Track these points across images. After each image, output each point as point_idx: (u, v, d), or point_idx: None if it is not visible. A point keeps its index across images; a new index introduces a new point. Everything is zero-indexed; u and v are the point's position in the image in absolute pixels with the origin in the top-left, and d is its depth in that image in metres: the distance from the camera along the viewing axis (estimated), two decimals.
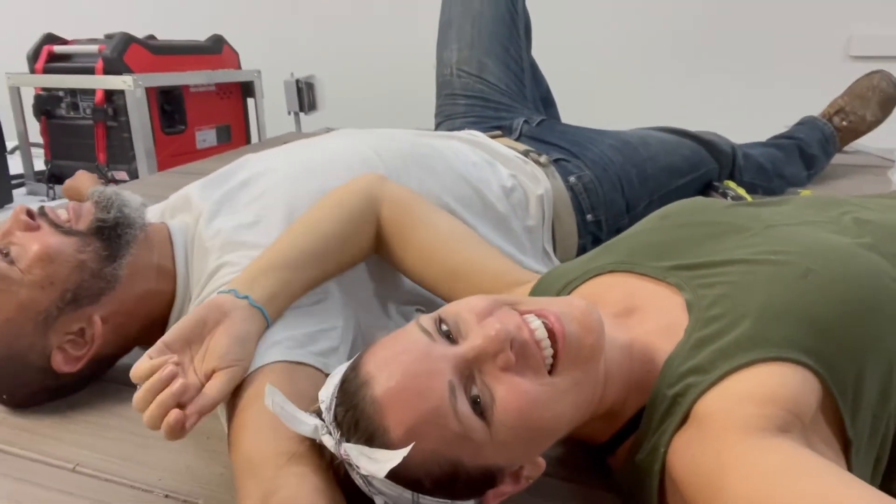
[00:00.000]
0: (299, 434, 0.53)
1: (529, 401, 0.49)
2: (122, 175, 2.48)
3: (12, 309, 0.72)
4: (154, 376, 0.56)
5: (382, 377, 0.48)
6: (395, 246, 0.79)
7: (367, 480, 0.49)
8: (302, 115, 2.81)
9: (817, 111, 1.59)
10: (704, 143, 1.27)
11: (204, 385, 0.60)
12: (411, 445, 0.45)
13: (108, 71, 2.42)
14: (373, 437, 0.47)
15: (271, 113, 2.96)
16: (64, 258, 0.74)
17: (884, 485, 0.54)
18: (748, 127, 1.66)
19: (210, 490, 0.64)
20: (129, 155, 2.48)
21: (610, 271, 0.66)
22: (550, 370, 0.51)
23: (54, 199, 2.62)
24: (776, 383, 0.49)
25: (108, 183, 2.04)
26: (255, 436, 0.58)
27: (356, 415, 0.48)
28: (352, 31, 3.16)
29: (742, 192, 1.23)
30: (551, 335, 0.51)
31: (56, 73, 2.53)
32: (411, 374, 0.48)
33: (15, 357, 0.73)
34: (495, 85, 1.27)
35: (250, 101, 2.96)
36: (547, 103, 1.45)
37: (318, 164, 0.90)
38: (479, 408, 0.48)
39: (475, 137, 1.12)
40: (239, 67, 2.95)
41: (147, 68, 2.48)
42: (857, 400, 0.51)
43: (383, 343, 0.52)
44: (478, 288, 0.73)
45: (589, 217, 1.07)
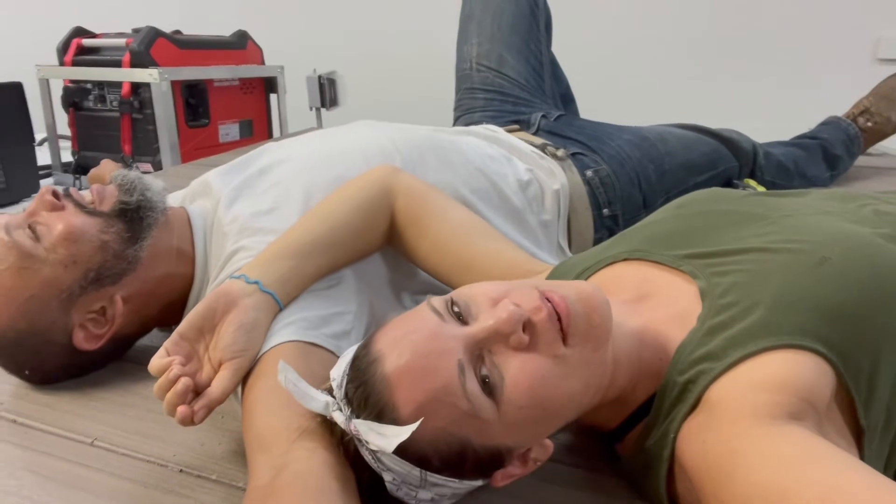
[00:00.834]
0: (310, 411, 0.54)
1: (540, 379, 0.49)
2: (146, 167, 2.52)
3: (36, 286, 0.74)
4: (162, 377, 0.59)
5: (393, 355, 0.49)
6: (410, 237, 0.79)
7: (377, 456, 0.50)
8: (323, 110, 2.83)
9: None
10: (724, 140, 1.25)
11: (216, 374, 0.62)
12: (420, 421, 0.46)
13: (134, 64, 2.46)
14: (382, 413, 0.48)
15: (293, 108, 2.98)
16: (87, 238, 0.76)
17: None
18: (775, 130, 1.64)
19: (223, 466, 0.66)
20: (153, 147, 2.52)
21: (624, 259, 0.66)
22: (564, 342, 0.51)
23: (80, 189, 2.67)
24: (789, 370, 0.49)
25: None
26: (266, 412, 0.59)
27: (366, 391, 0.49)
28: (374, 29, 3.18)
29: (763, 190, 1.22)
30: (558, 316, 0.51)
31: (84, 66, 2.58)
32: (421, 352, 0.48)
33: (38, 333, 0.75)
34: (514, 79, 1.27)
35: (273, 97, 2.99)
36: (567, 100, 1.45)
37: (336, 153, 0.91)
38: (488, 387, 0.49)
39: (492, 132, 1.12)
40: (262, 63, 2.98)
41: (173, 62, 2.52)
42: (871, 389, 0.50)
43: (395, 323, 0.52)
44: (491, 279, 0.73)
45: (605, 211, 1.07)
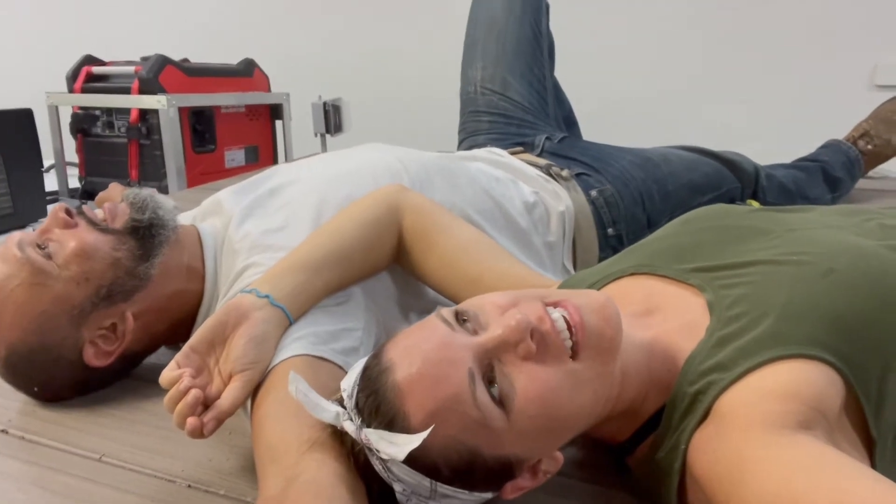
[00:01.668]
0: (321, 422, 0.54)
1: (550, 389, 0.49)
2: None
3: (47, 302, 0.74)
4: (172, 389, 0.60)
5: (404, 364, 0.49)
6: (417, 255, 0.80)
7: (387, 466, 0.50)
8: (328, 136, 2.87)
9: None
10: (726, 161, 1.27)
11: (226, 386, 0.62)
12: (431, 428, 0.46)
13: (143, 91, 2.50)
14: (393, 422, 0.48)
15: (298, 134, 3.02)
16: (100, 255, 0.77)
17: None
18: (773, 155, 1.65)
19: (231, 481, 0.65)
20: (160, 172, 2.54)
21: (631, 274, 0.67)
22: (572, 356, 0.52)
23: None
24: (798, 380, 0.49)
25: None
26: (277, 424, 0.59)
27: (377, 400, 0.49)
28: (378, 55, 3.23)
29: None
30: (570, 327, 0.52)
31: (94, 93, 2.62)
32: (432, 361, 0.48)
33: (47, 349, 0.76)
34: (519, 102, 1.29)
35: (278, 123, 3.03)
36: (570, 123, 1.46)
37: (345, 172, 0.92)
38: (498, 396, 0.49)
39: (498, 157, 1.14)
40: (269, 90, 3.02)
41: (180, 89, 2.56)
42: (881, 399, 0.50)
43: (405, 333, 0.53)
44: None
45: (610, 231, 1.08)
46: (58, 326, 0.75)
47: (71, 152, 2.80)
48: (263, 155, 2.97)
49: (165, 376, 0.60)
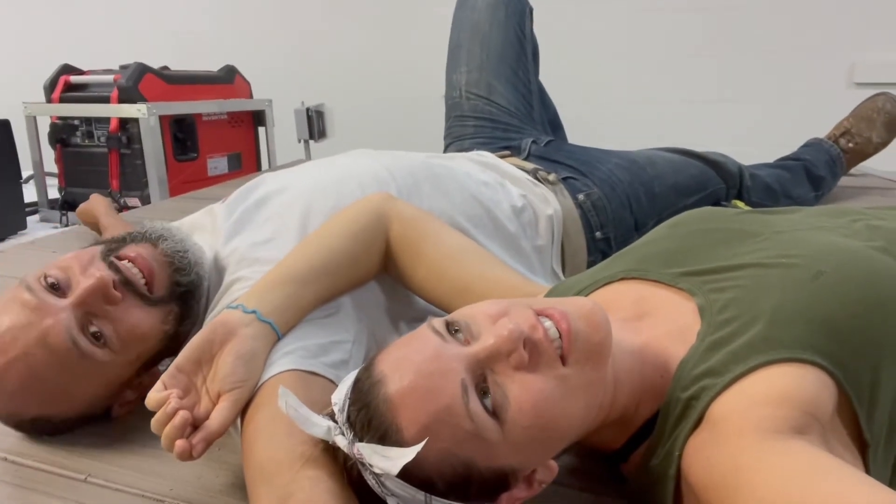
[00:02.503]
0: (312, 437, 0.53)
1: (544, 398, 0.49)
2: (134, 201, 2.51)
3: (101, 386, 0.73)
4: (159, 412, 0.58)
5: (395, 376, 0.48)
6: (406, 263, 0.79)
7: (380, 481, 0.49)
8: (312, 142, 2.85)
9: None
10: (711, 163, 1.27)
11: (214, 406, 0.61)
12: (424, 441, 0.45)
13: (122, 100, 2.47)
14: (386, 436, 0.47)
15: (282, 141, 3.00)
16: (153, 333, 0.74)
17: None
18: (753, 155, 1.67)
19: (221, 500, 0.64)
20: (141, 181, 2.51)
21: (621, 279, 0.66)
22: (563, 362, 0.51)
23: (67, 225, 2.65)
24: (791, 384, 0.49)
25: (120, 209, 2.06)
26: (267, 442, 0.58)
27: (369, 413, 0.48)
28: (361, 60, 3.22)
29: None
30: (558, 334, 0.51)
31: (72, 103, 2.59)
32: (424, 372, 0.48)
33: (81, 417, 0.75)
34: (504, 107, 1.29)
35: (261, 130, 3.02)
36: (555, 126, 1.46)
37: (331, 182, 0.91)
38: (491, 407, 0.48)
39: (485, 158, 1.13)
40: (251, 97, 3.00)
41: (161, 97, 2.54)
42: (872, 401, 0.50)
43: (396, 344, 0.52)
44: None
45: (598, 234, 1.08)
46: (102, 403, 0.75)
47: (50, 163, 2.77)
48: (247, 162, 2.95)
49: (152, 398, 0.59)
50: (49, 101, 2.64)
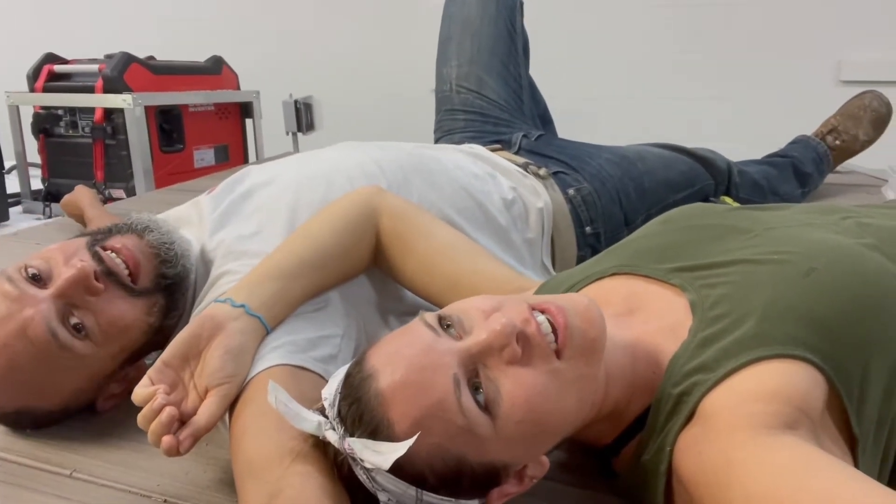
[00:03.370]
0: (302, 433, 0.53)
1: (537, 393, 0.49)
2: (119, 193, 2.48)
3: (84, 378, 0.72)
4: (146, 407, 0.57)
5: (387, 370, 0.48)
6: (395, 257, 0.79)
7: (371, 476, 0.49)
8: (300, 135, 2.83)
9: None
10: (700, 159, 1.28)
11: (202, 401, 0.60)
12: (416, 436, 0.45)
13: (107, 90, 2.44)
14: (377, 430, 0.47)
15: (269, 133, 2.98)
16: (136, 325, 0.73)
17: (891, 482, 0.53)
18: (741, 151, 1.68)
19: (209, 495, 0.64)
20: (126, 173, 2.48)
21: (612, 274, 0.66)
22: (558, 356, 0.51)
23: (51, 216, 2.62)
24: (781, 380, 0.49)
25: (105, 201, 2.04)
26: (256, 438, 0.57)
27: (360, 408, 0.48)
28: (349, 52, 3.20)
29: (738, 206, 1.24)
30: (554, 329, 0.51)
31: (56, 92, 2.55)
32: (416, 367, 0.48)
33: (64, 410, 0.74)
34: (494, 101, 1.28)
35: (248, 122, 2.99)
36: (545, 121, 1.46)
37: (319, 174, 0.90)
38: (483, 402, 0.48)
39: (476, 150, 1.13)
40: (238, 88, 2.97)
41: (147, 87, 2.50)
42: (862, 398, 0.51)
43: (388, 339, 0.52)
44: None
45: (588, 229, 1.08)
46: (85, 396, 0.74)
47: (33, 153, 2.73)
48: (234, 154, 2.92)
49: (138, 393, 0.58)
50: (32, 90, 2.59)
